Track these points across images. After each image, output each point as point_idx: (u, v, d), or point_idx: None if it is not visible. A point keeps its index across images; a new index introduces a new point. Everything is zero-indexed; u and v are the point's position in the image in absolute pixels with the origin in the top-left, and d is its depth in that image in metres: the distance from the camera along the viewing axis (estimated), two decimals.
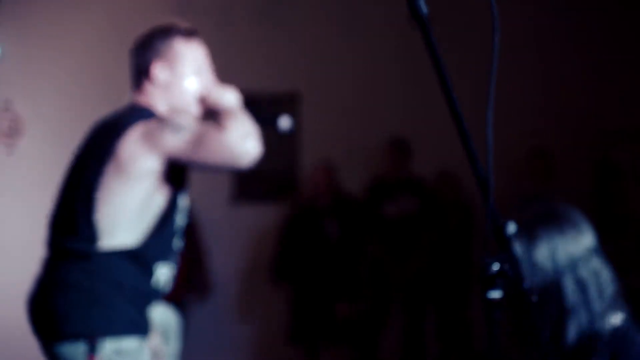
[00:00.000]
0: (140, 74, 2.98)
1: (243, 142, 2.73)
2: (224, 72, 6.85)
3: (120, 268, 2.79)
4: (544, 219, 2.26)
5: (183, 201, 2.95)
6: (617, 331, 2.13)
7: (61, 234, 2.87)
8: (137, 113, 2.89)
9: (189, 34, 3.01)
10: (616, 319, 2.17)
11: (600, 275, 2.20)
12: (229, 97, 2.96)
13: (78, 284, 2.77)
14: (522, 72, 7.65)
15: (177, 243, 2.99)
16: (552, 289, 2.12)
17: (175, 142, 2.74)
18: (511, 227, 1.69)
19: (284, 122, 3.06)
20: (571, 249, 2.22)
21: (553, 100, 7.92)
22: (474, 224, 7.52)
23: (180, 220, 2.96)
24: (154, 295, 2.92)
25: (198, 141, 2.74)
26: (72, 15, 6.71)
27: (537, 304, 1.73)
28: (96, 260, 2.78)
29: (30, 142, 6.71)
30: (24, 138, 6.71)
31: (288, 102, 7.38)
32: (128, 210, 2.78)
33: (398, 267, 6.91)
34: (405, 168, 7.10)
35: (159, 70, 2.94)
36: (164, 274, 2.92)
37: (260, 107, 7.19)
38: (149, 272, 2.86)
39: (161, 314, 3.15)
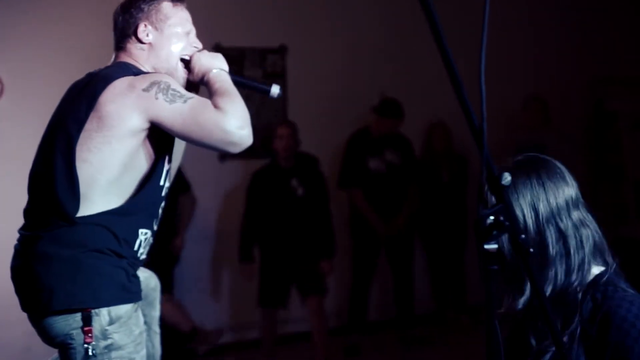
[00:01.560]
0: (125, 34, 2.89)
1: (240, 129, 2.63)
2: (210, 29, 6.85)
3: (101, 234, 2.70)
4: (524, 168, 2.21)
5: (167, 165, 2.86)
6: (597, 280, 2.11)
7: (39, 199, 2.78)
8: (124, 68, 2.80)
9: None
10: (597, 269, 2.15)
11: (581, 227, 2.17)
12: (219, 64, 2.88)
13: (59, 254, 2.67)
14: (515, 20, 7.61)
15: (161, 208, 2.91)
16: (535, 239, 2.10)
17: (168, 110, 2.63)
18: (507, 177, 1.65)
19: (275, 90, 2.99)
20: (551, 199, 2.19)
21: (545, 50, 7.89)
22: (468, 174, 7.51)
23: (165, 185, 2.87)
24: (138, 259, 2.84)
25: (193, 117, 2.63)
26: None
27: (533, 254, 1.69)
28: (76, 228, 2.68)
29: (10, 104, 6.64)
30: (3, 100, 6.64)
31: (275, 56, 7.35)
32: (108, 170, 2.67)
33: (383, 221, 6.90)
34: (396, 130, 7.07)
35: (145, 31, 2.87)
36: (146, 239, 2.85)
37: (247, 61, 7.26)
38: (133, 234, 2.79)
39: (144, 279, 3.06)
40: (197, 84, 2.94)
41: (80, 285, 2.66)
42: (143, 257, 2.87)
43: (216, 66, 2.87)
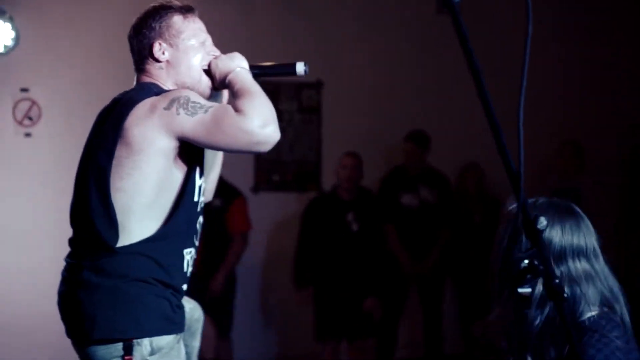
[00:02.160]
0: (142, 56, 2.88)
1: (263, 128, 2.61)
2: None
3: (144, 263, 2.68)
4: (547, 206, 2.29)
5: (199, 180, 2.83)
6: (588, 323, 2.16)
7: (80, 230, 2.78)
8: (145, 89, 2.80)
9: (186, 10, 2.92)
10: (593, 312, 2.20)
11: (582, 280, 2.21)
12: (237, 63, 2.85)
13: (102, 283, 2.68)
14: (552, 65, 7.60)
15: (199, 224, 2.89)
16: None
17: (191, 123, 2.62)
18: (542, 222, 1.66)
19: (300, 68, 2.90)
20: (569, 240, 2.25)
21: (583, 94, 7.86)
22: (500, 216, 7.47)
23: (200, 200, 2.85)
24: (184, 281, 2.83)
25: (215, 125, 2.62)
26: (86, 0, 6.70)
27: (567, 299, 1.69)
28: (118, 258, 2.68)
29: (47, 127, 6.72)
30: (41, 123, 6.72)
31: (310, 91, 7.40)
32: (142, 195, 2.67)
33: (414, 260, 6.88)
34: (423, 160, 7.06)
35: (160, 50, 2.85)
36: (192, 257, 2.85)
37: (283, 96, 7.31)
38: (178, 258, 2.79)
39: (189, 310, 3.02)
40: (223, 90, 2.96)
41: (122, 315, 2.66)
42: (189, 272, 2.86)
43: (234, 66, 2.84)
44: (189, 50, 2.87)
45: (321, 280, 6.44)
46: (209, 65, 2.87)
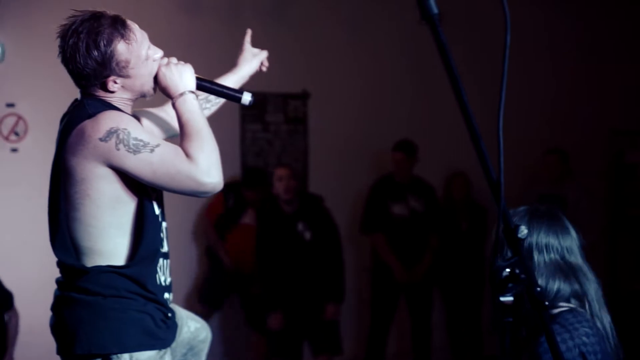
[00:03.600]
0: (91, 84, 2.76)
1: (210, 174, 2.59)
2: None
3: (119, 280, 2.70)
4: (527, 214, 2.46)
5: (153, 192, 2.80)
6: (559, 318, 2.34)
7: (58, 250, 2.76)
8: (81, 109, 2.72)
9: (121, 26, 2.72)
10: (565, 306, 2.37)
11: (562, 269, 2.36)
12: (185, 84, 2.77)
13: (83, 300, 2.68)
14: (535, 73, 7.63)
15: (163, 231, 2.87)
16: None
17: (134, 162, 2.57)
18: (523, 231, 1.67)
19: (246, 97, 2.88)
20: (551, 237, 2.44)
21: (567, 100, 7.90)
22: (487, 223, 7.49)
23: (157, 208, 2.82)
24: (164, 290, 2.82)
25: (163, 168, 2.59)
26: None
27: (545, 308, 1.71)
28: (95, 276, 2.68)
29: (34, 142, 6.71)
30: (28, 138, 6.70)
31: (296, 102, 7.41)
32: (100, 219, 2.66)
33: (406, 268, 6.88)
34: (412, 170, 7.07)
35: (114, 85, 2.74)
36: (165, 265, 2.85)
37: (269, 106, 7.32)
38: (153, 270, 2.78)
39: (195, 330, 3.03)
40: None
41: (101, 330, 2.66)
42: (167, 281, 2.86)
43: (181, 88, 2.77)
44: (140, 74, 2.77)
45: (280, 294, 6.30)
46: (157, 75, 2.80)
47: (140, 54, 2.74)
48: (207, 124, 2.73)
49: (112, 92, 2.75)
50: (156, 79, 2.80)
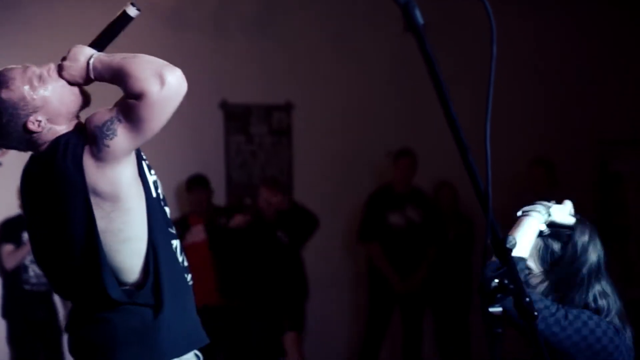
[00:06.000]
0: (24, 140, 2.70)
1: (164, 84, 2.47)
2: (218, 84, 6.88)
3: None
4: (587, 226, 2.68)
5: (153, 175, 2.75)
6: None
7: (113, 290, 2.64)
8: (61, 144, 2.63)
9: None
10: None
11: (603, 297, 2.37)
12: (84, 57, 2.64)
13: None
14: (521, 82, 7.65)
15: (168, 214, 2.82)
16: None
17: (120, 141, 2.51)
18: (511, 241, 1.67)
19: (132, 11, 2.64)
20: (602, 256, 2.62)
21: (552, 110, 7.92)
22: (474, 234, 7.49)
23: (158, 195, 2.76)
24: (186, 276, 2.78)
25: (136, 122, 2.51)
26: (56, 28, 6.64)
27: (535, 318, 1.70)
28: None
29: (19, 155, 6.65)
30: (12, 153, 6.65)
31: (280, 113, 7.41)
32: (144, 228, 2.62)
33: (402, 278, 6.89)
34: (412, 179, 7.12)
35: (35, 123, 2.64)
36: (178, 248, 2.79)
37: (253, 118, 7.31)
38: (173, 254, 2.75)
39: None
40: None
41: None
42: (185, 263, 2.82)
43: (83, 61, 2.63)
44: (51, 98, 2.66)
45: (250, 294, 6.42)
46: (64, 78, 2.67)
47: (25, 86, 2.63)
48: (125, 56, 2.59)
49: (42, 129, 2.65)
50: (70, 82, 2.67)
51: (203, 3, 7.05)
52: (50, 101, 2.64)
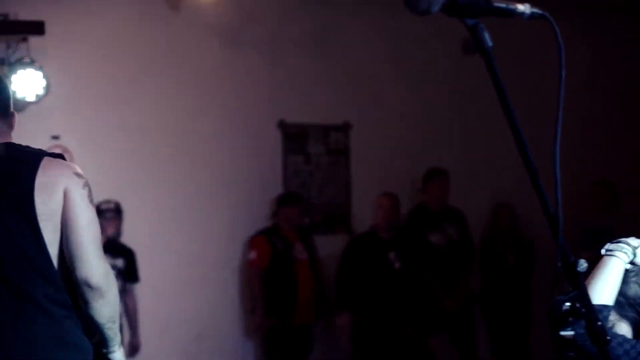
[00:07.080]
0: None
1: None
2: (275, 104, 6.92)
3: None
4: None
5: None
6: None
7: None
8: (28, 153, 2.86)
9: None
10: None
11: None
12: None
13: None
14: (586, 107, 7.58)
15: None
16: None
17: (91, 216, 2.83)
18: (582, 264, 1.65)
19: None
20: None
21: (615, 133, 7.83)
22: (534, 256, 7.37)
23: None
24: None
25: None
26: (115, 47, 6.71)
27: (607, 343, 1.68)
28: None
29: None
30: None
31: (338, 134, 7.42)
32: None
33: (446, 294, 6.88)
34: (446, 197, 7.09)
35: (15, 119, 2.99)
36: None
37: (311, 138, 7.32)
38: None
39: None
40: None
41: None
42: None
43: None
44: None
45: (363, 310, 6.54)
46: None
47: None
48: None
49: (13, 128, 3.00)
50: None
51: (261, 23, 7.10)
52: None
